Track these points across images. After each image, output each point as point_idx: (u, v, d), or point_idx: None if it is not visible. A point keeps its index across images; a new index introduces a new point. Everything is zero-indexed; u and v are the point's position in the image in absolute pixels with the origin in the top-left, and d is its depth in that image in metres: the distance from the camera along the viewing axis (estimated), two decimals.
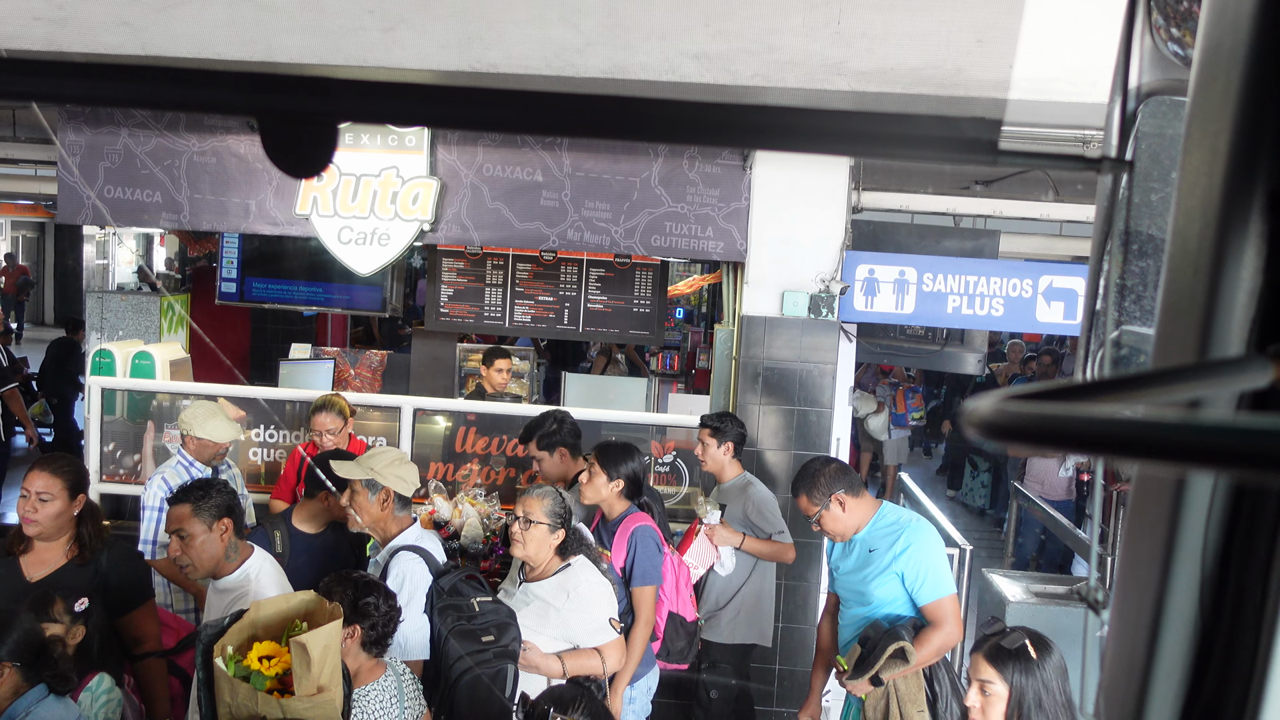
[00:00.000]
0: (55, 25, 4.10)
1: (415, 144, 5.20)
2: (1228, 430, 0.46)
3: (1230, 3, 0.65)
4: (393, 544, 3.45)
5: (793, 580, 5.32)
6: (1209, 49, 0.68)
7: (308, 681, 2.37)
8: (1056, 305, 5.13)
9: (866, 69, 4.00)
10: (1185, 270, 0.68)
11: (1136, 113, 0.98)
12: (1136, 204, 1.00)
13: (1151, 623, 0.70)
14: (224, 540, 3.21)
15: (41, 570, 3.42)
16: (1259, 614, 0.65)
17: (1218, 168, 0.64)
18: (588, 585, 3.59)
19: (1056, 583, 5.56)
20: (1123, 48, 0.96)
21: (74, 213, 5.36)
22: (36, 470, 3.45)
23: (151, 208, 5.32)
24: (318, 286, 6.68)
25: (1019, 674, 2.62)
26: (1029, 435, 0.51)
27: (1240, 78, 0.63)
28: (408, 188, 5.21)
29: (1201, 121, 0.68)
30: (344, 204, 5.21)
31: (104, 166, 5.29)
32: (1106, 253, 1.02)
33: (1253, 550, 0.65)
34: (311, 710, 2.39)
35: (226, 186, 5.29)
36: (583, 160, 5.24)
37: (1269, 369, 0.57)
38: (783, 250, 5.22)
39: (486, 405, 5.74)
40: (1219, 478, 0.67)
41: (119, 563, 3.50)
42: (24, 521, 3.41)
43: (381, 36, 4.09)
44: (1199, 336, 0.65)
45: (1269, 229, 0.62)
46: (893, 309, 5.20)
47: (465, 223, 5.29)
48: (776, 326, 5.26)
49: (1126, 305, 1.03)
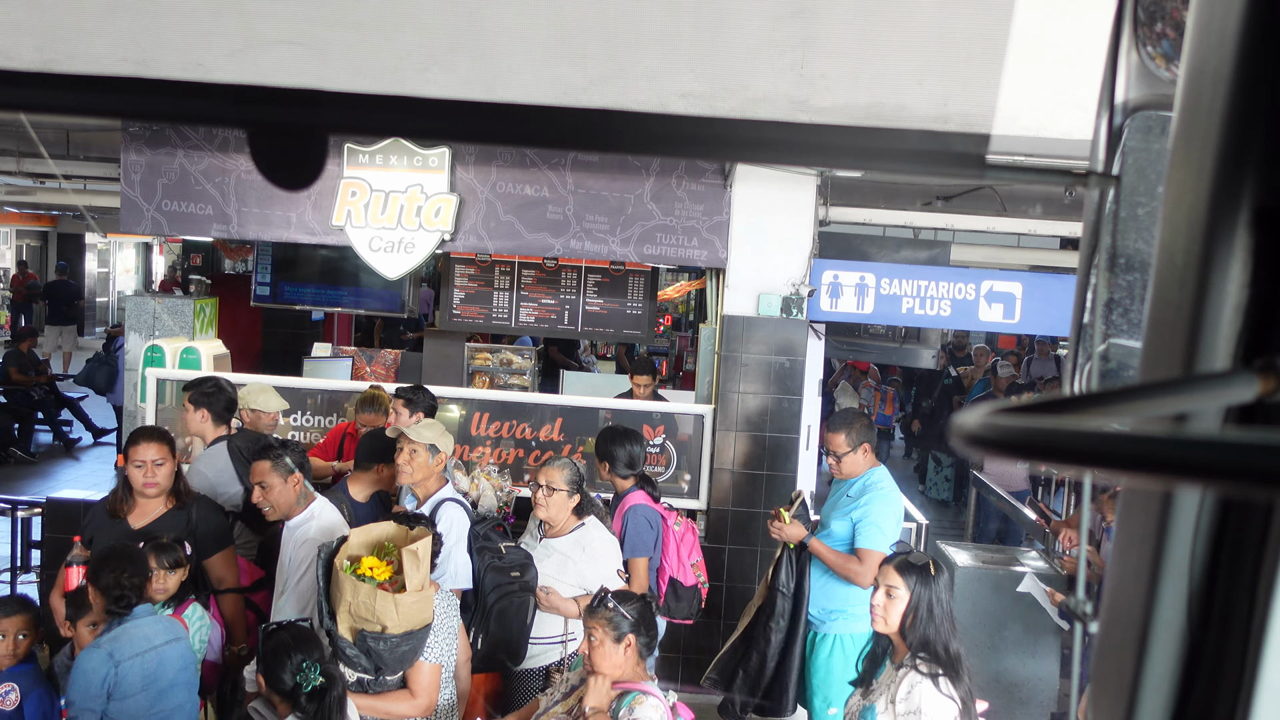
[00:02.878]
0: (139, 66, 4.83)
1: (438, 164, 5.94)
2: (1214, 444, 0.46)
3: (1216, 18, 0.64)
4: (436, 497, 4.18)
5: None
6: (1195, 64, 0.68)
7: (417, 579, 3.13)
8: (996, 306, 5.91)
9: (825, 105, 4.76)
10: (1172, 284, 0.68)
11: (1123, 127, 0.99)
12: (1123, 218, 1.01)
13: (1139, 636, 0.69)
14: (295, 490, 3.93)
15: (144, 520, 4.12)
16: (1246, 627, 0.64)
17: (1204, 182, 0.64)
18: (599, 541, 4.33)
19: (998, 552, 6.33)
20: (1109, 63, 0.96)
21: (134, 223, 6.08)
22: (144, 442, 4.13)
23: (203, 219, 6.05)
24: (342, 290, 7.42)
25: (919, 584, 3.15)
26: (1016, 449, 0.51)
27: (1226, 93, 0.63)
28: (430, 202, 5.96)
29: (1188, 136, 0.68)
30: (374, 216, 5.94)
31: (162, 183, 6.02)
32: (1093, 267, 1.03)
33: (1240, 564, 0.65)
34: (420, 601, 3.16)
35: (270, 201, 6.02)
36: (584, 179, 5.99)
37: (1255, 383, 0.56)
38: (758, 258, 5.98)
39: (496, 394, 6.49)
40: (1206, 491, 0.66)
41: (206, 514, 4.22)
42: (146, 486, 4.09)
43: (417, 76, 4.84)
44: (1186, 350, 0.65)
45: (1255, 243, 0.62)
46: (854, 309, 5.97)
47: (481, 233, 6.04)
48: (753, 325, 6.01)
49: (1113, 319, 1.03)
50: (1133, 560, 0.72)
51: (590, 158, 5.97)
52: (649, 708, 3.01)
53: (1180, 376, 0.65)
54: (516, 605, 4.03)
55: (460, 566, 4.03)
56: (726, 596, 6.11)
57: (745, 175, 5.95)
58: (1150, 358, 0.72)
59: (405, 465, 4.13)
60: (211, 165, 6.02)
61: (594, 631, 3.19)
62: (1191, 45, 0.69)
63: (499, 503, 5.72)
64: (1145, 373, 0.74)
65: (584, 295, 7.14)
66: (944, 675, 3.00)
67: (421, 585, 3.27)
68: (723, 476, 6.09)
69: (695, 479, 6.17)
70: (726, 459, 6.09)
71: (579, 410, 6.26)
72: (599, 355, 13.61)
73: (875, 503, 4.39)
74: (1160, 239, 0.71)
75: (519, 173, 6.00)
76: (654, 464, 6.14)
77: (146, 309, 7.82)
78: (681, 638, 5.87)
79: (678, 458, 6.21)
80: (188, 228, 6.11)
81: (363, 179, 5.93)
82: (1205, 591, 0.67)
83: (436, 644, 3.52)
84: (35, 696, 3.90)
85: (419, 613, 3.32)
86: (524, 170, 6.00)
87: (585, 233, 6.03)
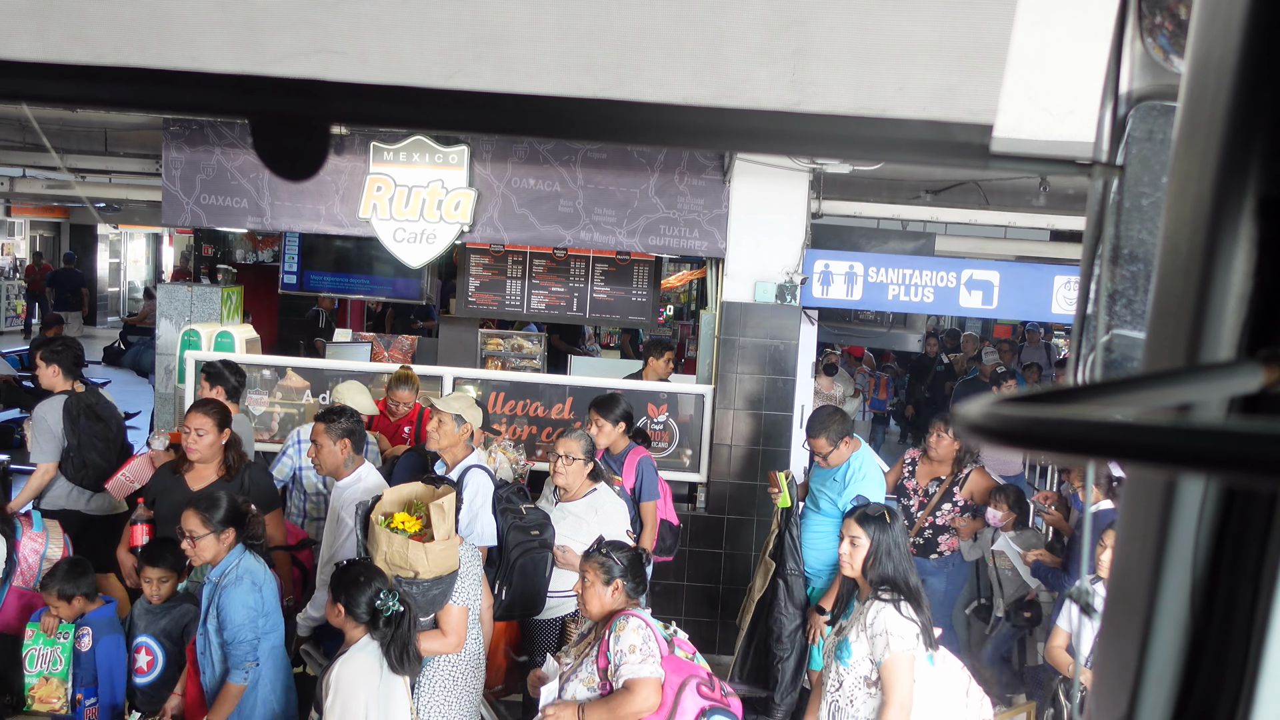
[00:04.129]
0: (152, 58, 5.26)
1: (457, 161, 6.40)
2: (1218, 434, 0.46)
3: (1221, 7, 0.64)
4: (464, 463, 4.64)
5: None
6: (1200, 54, 0.67)
7: (444, 529, 3.60)
8: (976, 293, 6.37)
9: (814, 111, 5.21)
10: (1176, 274, 0.68)
11: (1127, 118, 0.99)
12: (1127, 208, 1.01)
13: (1142, 626, 0.70)
14: (343, 453, 4.40)
15: (200, 484, 4.59)
16: (1249, 618, 0.64)
17: (1208, 172, 0.64)
18: (610, 505, 4.79)
19: None
20: (1113, 53, 0.96)
21: (175, 216, 6.54)
22: (193, 412, 4.61)
23: (239, 212, 6.50)
24: (365, 278, 7.89)
25: (878, 531, 3.58)
26: (1020, 438, 0.51)
27: (1231, 82, 0.62)
28: (450, 196, 6.41)
29: (1192, 126, 0.68)
30: (398, 210, 6.40)
31: (200, 178, 6.48)
32: (1097, 257, 1.02)
33: (1243, 554, 0.65)
34: (445, 549, 3.63)
35: (301, 195, 6.47)
36: (593, 175, 6.45)
37: (1259, 373, 0.56)
38: (755, 248, 6.44)
39: (512, 375, 6.96)
40: (1209, 481, 0.66)
41: (257, 479, 4.68)
42: (187, 450, 4.57)
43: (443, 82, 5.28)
44: (1189, 340, 0.65)
45: (1259, 233, 0.62)
46: (844, 296, 6.44)
47: (497, 225, 6.50)
48: (750, 311, 6.47)
49: (1117, 309, 1.03)
50: (1136, 550, 0.72)
51: (599, 155, 6.42)
52: (631, 630, 3.41)
53: (1184, 366, 0.65)
54: (536, 560, 4.50)
55: (485, 526, 4.50)
56: (726, 563, 6.58)
57: (743, 171, 6.40)
58: (1154, 348, 0.73)
59: (434, 433, 4.60)
60: (246, 161, 6.47)
61: (587, 573, 3.61)
62: (1196, 34, 0.69)
63: (514, 475, 6.19)
64: (1149, 363, 0.74)
65: (592, 283, 7.60)
66: (905, 601, 3.46)
67: (448, 535, 3.74)
68: (722, 451, 6.56)
69: (696, 454, 6.64)
70: (725, 435, 6.55)
71: (588, 389, 6.72)
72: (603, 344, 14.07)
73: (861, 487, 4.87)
74: (1164, 229, 0.72)
75: (533, 169, 6.45)
76: (658, 440, 6.61)
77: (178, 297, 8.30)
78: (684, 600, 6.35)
79: (680, 435, 6.67)
80: (224, 220, 6.57)
81: (387, 175, 6.38)
82: (1208, 581, 0.67)
83: (463, 589, 3.98)
84: (108, 641, 4.35)
85: (446, 560, 3.79)
86: (537, 166, 6.45)
87: (594, 225, 6.49)
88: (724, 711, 3.29)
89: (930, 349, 11.29)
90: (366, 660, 3.40)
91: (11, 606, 4.47)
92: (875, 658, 3.44)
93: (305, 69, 4.29)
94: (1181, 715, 0.68)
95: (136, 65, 0.72)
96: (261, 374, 6.68)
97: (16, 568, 4.47)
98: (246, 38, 5.06)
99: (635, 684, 3.29)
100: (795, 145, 1.23)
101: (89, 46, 4.47)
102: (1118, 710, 0.72)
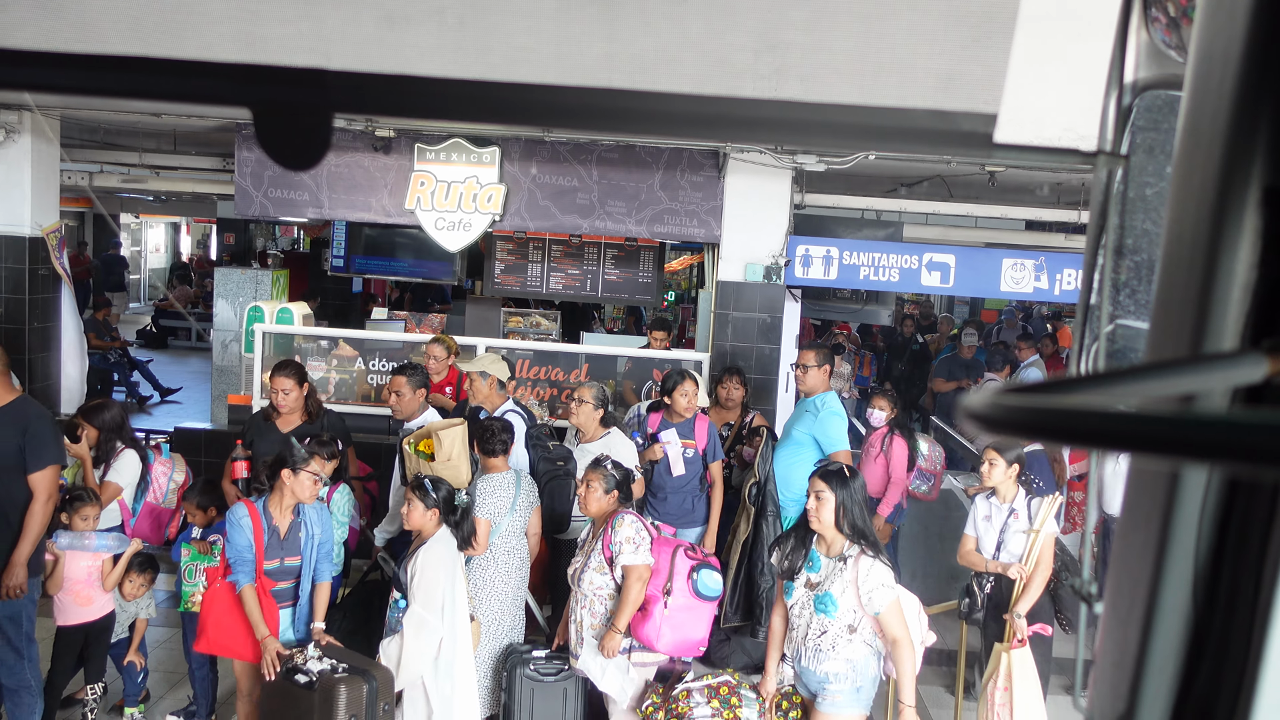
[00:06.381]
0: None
1: (490, 160, 7.44)
2: (1222, 424, 0.46)
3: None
4: (502, 409, 5.69)
5: None
6: (1206, 42, 0.67)
7: (440, 453, 4.69)
8: (935, 274, 7.41)
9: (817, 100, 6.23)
10: (1180, 264, 0.68)
11: (1132, 107, 0.99)
12: (1131, 198, 1.01)
13: (1144, 617, 0.70)
14: (418, 400, 5.47)
15: (288, 427, 5.63)
16: (1252, 608, 0.64)
17: (1213, 162, 0.64)
18: (621, 446, 5.82)
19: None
20: (1118, 41, 0.96)
21: (246, 208, 7.59)
22: (277, 375, 5.62)
23: (301, 204, 7.55)
24: (404, 261, 8.95)
25: (839, 486, 3.91)
26: (1024, 428, 0.52)
27: (1236, 71, 0.62)
28: (484, 190, 7.46)
29: (1197, 115, 0.68)
30: (439, 202, 7.44)
31: (268, 174, 7.52)
32: (1101, 247, 1.02)
33: (1246, 544, 0.65)
34: (444, 468, 4.72)
35: (354, 188, 7.52)
36: (606, 171, 7.49)
37: (1264, 363, 0.56)
38: (746, 235, 7.48)
39: (535, 344, 8.02)
40: (1212, 471, 0.66)
41: (333, 422, 5.74)
42: (278, 405, 5.60)
43: None
44: (1194, 330, 0.65)
45: (1264, 223, 0.61)
46: (822, 276, 7.48)
47: (524, 215, 7.54)
48: (742, 289, 7.52)
49: (1121, 299, 1.03)
50: (1139, 540, 0.71)
51: (612, 154, 7.46)
52: (626, 524, 4.40)
53: (1188, 357, 0.64)
54: (562, 485, 5.55)
55: (520, 458, 5.55)
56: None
57: (735, 169, 7.44)
58: (1158, 338, 0.72)
59: (470, 390, 5.67)
60: None
61: (591, 480, 4.53)
62: (1201, 23, 0.68)
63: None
64: (1153, 353, 0.74)
65: (603, 266, 8.65)
66: (879, 551, 3.91)
67: (447, 457, 4.80)
68: None
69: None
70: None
71: (602, 358, 7.79)
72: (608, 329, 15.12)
73: (829, 420, 5.88)
74: (1169, 218, 0.71)
75: (554, 166, 7.50)
76: None
77: (233, 279, 9.37)
78: None
79: None
80: (288, 210, 7.62)
81: (429, 172, 7.42)
82: (1211, 572, 0.66)
83: (485, 505, 4.94)
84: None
85: (451, 475, 4.79)
86: (558, 164, 7.50)
87: (607, 214, 7.53)
88: (709, 566, 4.35)
89: (907, 329, 12.34)
90: (443, 549, 4.46)
91: (144, 519, 5.52)
92: (874, 609, 3.78)
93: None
94: (1183, 706, 0.68)
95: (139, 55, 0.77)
96: (319, 344, 7.74)
97: (150, 486, 5.52)
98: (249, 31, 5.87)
99: (630, 570, 4.33)
100: (799, 134, 1.25)
101: (92, 35, 4.84)
102: (1119, 701, 0.72)
